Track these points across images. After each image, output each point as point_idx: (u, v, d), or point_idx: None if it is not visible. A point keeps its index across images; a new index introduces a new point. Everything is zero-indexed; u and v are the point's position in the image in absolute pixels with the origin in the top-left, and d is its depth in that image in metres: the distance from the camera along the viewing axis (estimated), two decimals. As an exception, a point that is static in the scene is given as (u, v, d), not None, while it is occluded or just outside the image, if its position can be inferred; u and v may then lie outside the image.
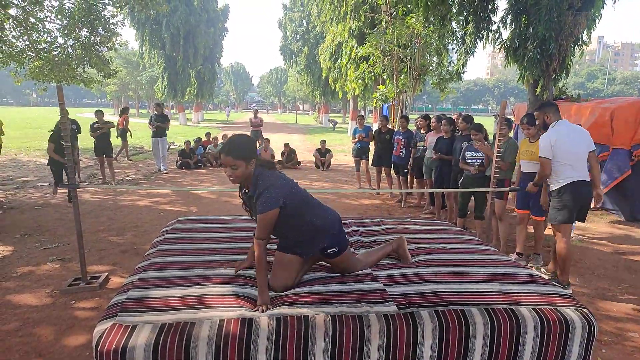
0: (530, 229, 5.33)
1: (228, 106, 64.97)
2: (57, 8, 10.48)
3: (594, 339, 2.41)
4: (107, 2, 11.14)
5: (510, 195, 5.69)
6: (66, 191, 7.77)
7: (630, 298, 4.24)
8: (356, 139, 9.18)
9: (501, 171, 4.93)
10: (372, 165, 8.93)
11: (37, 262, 4.75)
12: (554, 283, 3.62)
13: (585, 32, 7.67)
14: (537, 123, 4.64)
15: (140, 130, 26.08)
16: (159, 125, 10.93)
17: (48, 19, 10.75)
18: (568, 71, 8.06)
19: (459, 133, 6.34)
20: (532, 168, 4.87)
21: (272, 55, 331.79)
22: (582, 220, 4.41)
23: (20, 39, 10.38)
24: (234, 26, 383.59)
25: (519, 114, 9.77)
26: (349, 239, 3.51)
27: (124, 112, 13.92)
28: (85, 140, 12.52)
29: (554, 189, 4.21)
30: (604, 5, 7.51)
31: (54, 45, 10.89)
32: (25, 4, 9.86)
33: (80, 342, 3.15)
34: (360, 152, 9.25)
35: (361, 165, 9.37)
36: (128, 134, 13.51)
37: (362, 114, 15.46)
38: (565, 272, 4.27)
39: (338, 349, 2.18)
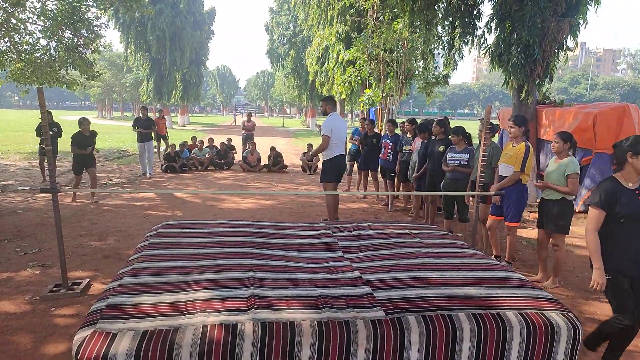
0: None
1: (236, 109, 60.94)
2: (39, 9, 10.33)
3: (579, 343, 2.41)
4: (90, 3, 11.02)
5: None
6: (46, 196, 7.60)
7: (614, 301, 4.28)
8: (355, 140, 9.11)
9: (486, 175, 4.91)
10: (358, 168, 8.94)
11: (17, 268, 4.64)
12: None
13: (569, 37, 7.75)
14: (517, 127, 4.72)
15: (124, 133, 25.81)
16: (143, 131, 10.81)
17: (30, 20, 10.60)
18: (552, 76, 8.14)
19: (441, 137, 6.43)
20: (505, 172, 4.83)
21: (259, 59, 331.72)
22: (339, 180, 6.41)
23: (2, 41, 10.22)
24: (221, 29, 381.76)
25: (504, 118, 9.87)
26: (339, 243, 3.50)
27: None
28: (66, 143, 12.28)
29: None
30: (587, 11, 7.62)
31: (36, 47, 10.74)
32: (7, 5, 9.70)
33: (60, 350, 3.08)
34: (355, 156, 9.20)
35: (353, 168, 9.32)
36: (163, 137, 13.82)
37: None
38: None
39: (324, 356, 2.15)
